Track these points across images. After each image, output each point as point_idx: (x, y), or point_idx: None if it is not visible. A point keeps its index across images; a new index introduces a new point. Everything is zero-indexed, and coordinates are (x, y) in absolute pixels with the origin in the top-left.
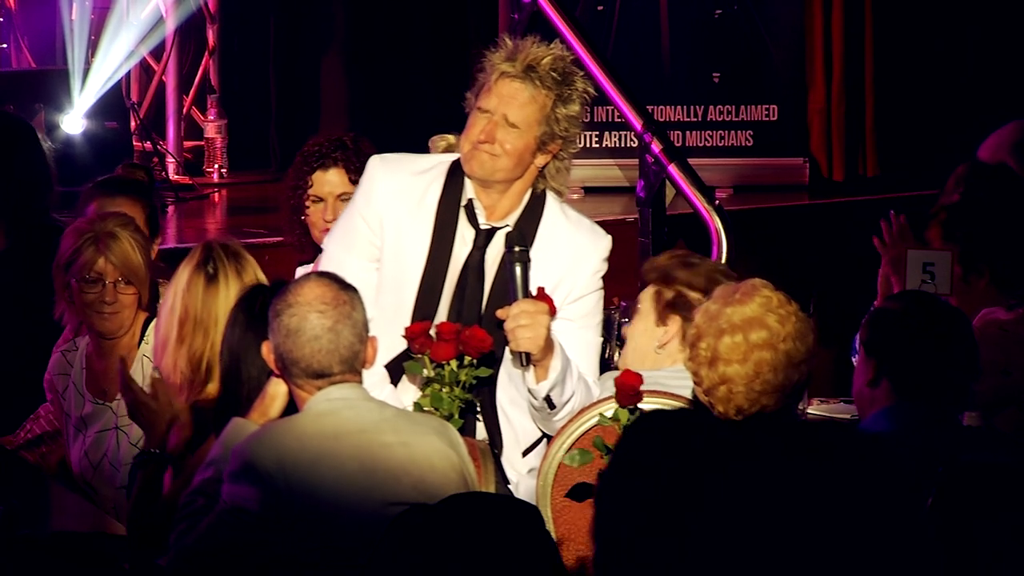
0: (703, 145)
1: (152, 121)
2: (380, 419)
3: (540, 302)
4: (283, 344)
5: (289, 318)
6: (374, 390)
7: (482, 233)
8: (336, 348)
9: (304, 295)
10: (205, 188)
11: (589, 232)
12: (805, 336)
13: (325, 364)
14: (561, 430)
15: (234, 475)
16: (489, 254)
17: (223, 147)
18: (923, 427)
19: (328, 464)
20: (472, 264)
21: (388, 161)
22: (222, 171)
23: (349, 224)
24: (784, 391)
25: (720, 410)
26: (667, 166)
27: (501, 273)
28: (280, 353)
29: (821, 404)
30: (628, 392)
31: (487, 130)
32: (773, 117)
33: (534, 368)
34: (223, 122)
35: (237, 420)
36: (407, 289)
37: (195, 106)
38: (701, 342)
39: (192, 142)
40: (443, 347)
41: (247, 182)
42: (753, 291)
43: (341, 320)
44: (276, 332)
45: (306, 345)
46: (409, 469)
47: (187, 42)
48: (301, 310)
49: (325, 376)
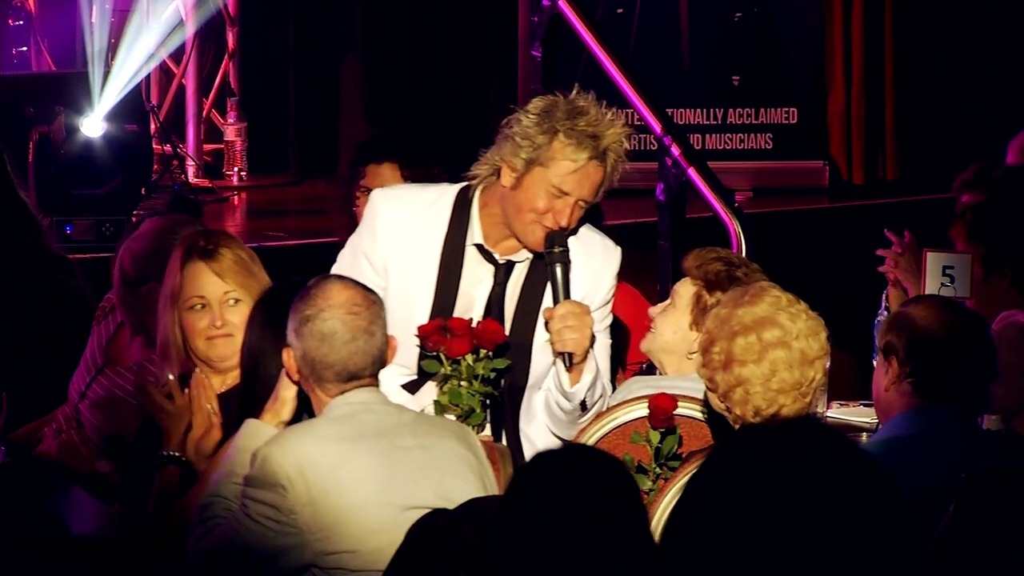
0: (723, 148)
1: (172, 124)
2: (399, 423)
3: (584, 304)
4: (316, 349)
5: (323, 323)
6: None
7: (501, 268)
8: (371, 349)
9: (334, 298)
10: (225, 191)
11: (601, 251)
12: (818, 333)
13: (361, 365)
14: (580, 434)
15: (253, 480)
16: (508, 288)
17: (243, 150)
18: (944, 431)
19: (348, 468)
20: (495, 299)
21: (391, 197)
22: (242, 174)
23: (353, 262)
24: (800, 389)
25: (737, 413)
26: (686, 169)
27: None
28: (312, 358)
29: (841, 407)
30: (661, 416)
31: (571, 219)
32: (793, 120)
33: (569, 372)
34: (243, 125)
35: (251, 422)
36: (417, 327)
37: (215, 109)
38: (714, 346)
39: (212, 145)
40: (457, 342)
41: (267, 185)
42: (762, 292)
43: (374, 320)
44: (306, 337)
45: (343, 348)
46: (429, 472)
47: (207, 45)
48: (335, 312)
49: (357, 378)
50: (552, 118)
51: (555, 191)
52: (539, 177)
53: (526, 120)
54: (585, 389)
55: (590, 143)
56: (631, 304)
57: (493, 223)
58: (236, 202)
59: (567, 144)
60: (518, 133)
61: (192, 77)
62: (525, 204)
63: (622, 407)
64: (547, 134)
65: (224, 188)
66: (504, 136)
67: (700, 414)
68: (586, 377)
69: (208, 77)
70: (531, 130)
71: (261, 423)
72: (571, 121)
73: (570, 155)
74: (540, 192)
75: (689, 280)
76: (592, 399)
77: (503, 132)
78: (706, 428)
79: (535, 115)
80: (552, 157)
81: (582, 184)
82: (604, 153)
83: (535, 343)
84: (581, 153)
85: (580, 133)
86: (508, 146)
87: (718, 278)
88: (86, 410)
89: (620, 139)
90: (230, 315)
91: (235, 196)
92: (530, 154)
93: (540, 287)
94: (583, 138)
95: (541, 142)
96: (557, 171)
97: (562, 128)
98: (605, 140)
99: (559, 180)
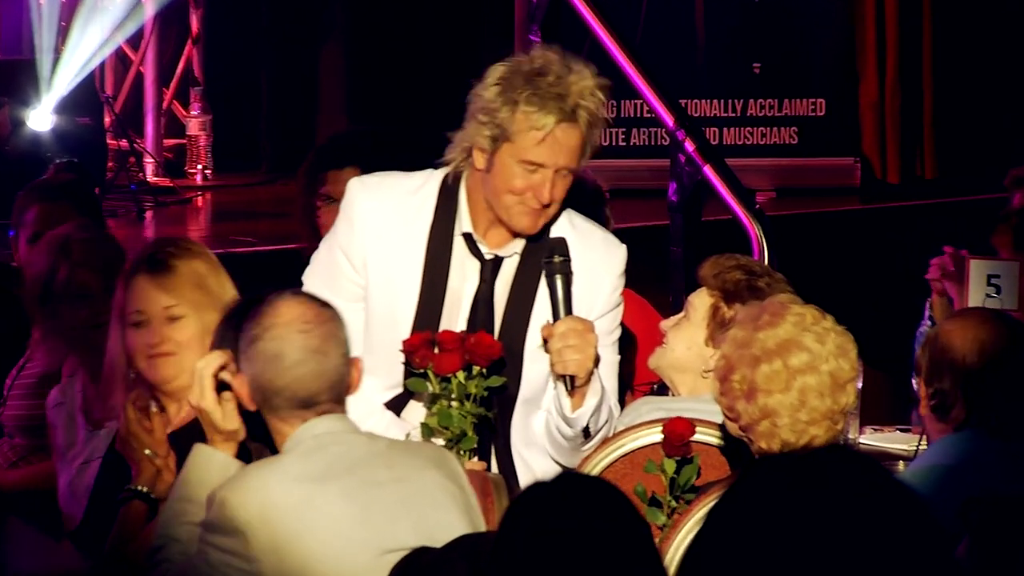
0: (742, 143)
1: (129, 117)
2: (371, 453)
3: (587, 320)
4: (263, 372)
5: (268, 342)
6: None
7: (488, 264)
8: (324, 371)
9: (283, 315)
10: (187, 191)
11: (602, 246)
12: (848, 352)
13: (313, 390)
14: (583, 463)
15: (211, 525)
16: (497, 286)
17: (207, 146)
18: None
19: (316, 510)
20: (482, 299)
21: (370, 185)
22: (206, 172)
23: (329, 259)
24: (832, 417)
25: (762, 446)
26: (702, 167)
27: (516, 295)
28: (260, 384)
29: (874, 433)
30: (676, 442)
31: (553, 192)
32: (820, 112)
33: (570, 395)
34: (207, 118)
35: (201, 448)
36: (402, 327)
37: (176, 100)
38: (734, 374)
39: (173, 140)
40: (447, 358)
41: (234, 185)
42: (782, 310)
43: (327, 339)
44: (253, 360)
45: (290, 370)
46: (407, 508)
47: (168, 29)
48: (281, 331)
49: (312, 405)
50: (511, 86)
51: (528, 165)
52: (508, 153)
53: (486, 93)
54: (588, 415)
55: (554, 105)
56: (640, 317)
57: (480, 210)
58: (200, 204)
59: (530, 112)
60: (480, 109)
61: (151, 64)
62: (501, 186)
63: (630, 433)
64: (507, 105)
65: (187, 188)
66: (469, 114)
67: (717, 440)
68: (589, 401)
69: (169, 64)
70: (492, 104)
71: (213, 450)
72: (531, 84)
73: (535, 123)
74: (513, 169)
75: (705, 290)
76: (596, 425)
77: (468, 110)
78: (723, 456)
79: (493, 85)
80: (517, 130)
81: (555, 152)
82: (574, 111)
83: (527, 349)
84: (546, 117)
85: (542, 96)
86: (472, 125)
87: (737, 289)
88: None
89: (591, 91)
90: (172, 332)
91: (199, 197)
92: (494, 131)
93: (532, 286)
94: (546, 101)
95: (503, 116)
96: (524, 143)
97: (522, 95)
98: (572, 97)
99: (529, 153)
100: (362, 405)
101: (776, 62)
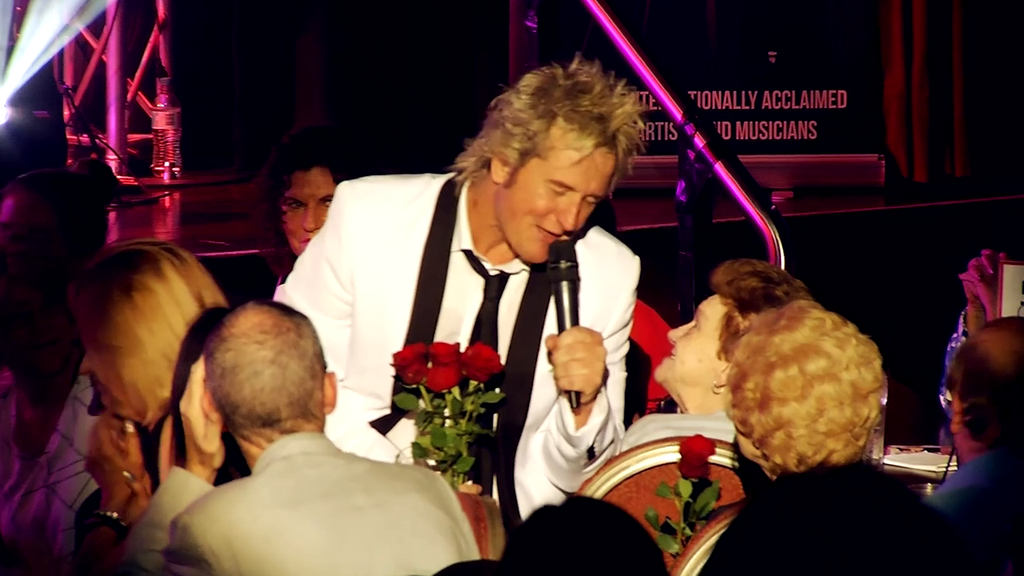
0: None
1: (90, 110)
2: (348, 477)
3: (595, 332)
4: (220, 387)
5: (223, 354)
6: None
7: (493, 280)
8: (282, 385)
9: (239, 325)
10: (154, 191)
11: (616, 260)
12: (871, 361)
13: (271, 406)
14: (585, 485)
15: (175, 554)
16: (502, 306)
17: (175, 141)
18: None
19: (286, 537)
20: (486, 317)
21: (361, 193)
22: (174, 170)
23: (315, 272)
24: (853, 431)
25: (777, 461)
26: (713, 164)
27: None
28: (218, 399)
29: (900, 453)
30: (695, 463)
31: (577, 219)
32: (841, 104)
33: (575, 412)
34: (175, 111)
35: (178, 471)
36: (391, 349)
37: (142, 92)
38: (747, 382)
39: (138, 135)
40: (442, 372)
41: (205, 183)
42: (801, 314)
43: (285, 351)
44: (212, 375)
45: (245, 384)
46: (387, 537)
47: (132, 14)
48: (236, 343)
49: (274, 423)
50: (549, 98)
51: (557, 187)
52: (536, 171)
53: (517, 102)
54: (594, 433)
55: (596, 127)
56: (648, 327)
57: (484, 225)
58: (167, 204)
59: (568, 129)
60: (509, 118)
61: (114, 53)
62: (521, 204)
63: (635, 453)
64: (543, 118)
65: (153, 187)
66: (493, 122)
67: (731, 461)
68: (595, 419)
69: (134, 53)
70: (524, 114)
71: (188, 474)
72: (571, 101)
73: (572, 143)
74: (539, 189)
75: (718, 298)
76: (601, 445)
77: (491, 117)
78: (738, 478)
79: (528, 95)
80: (551, 146)
81: (589, 176)
82: (614, 137)
83: (537, 374)
84: (586, 140)
85: (583, 115)
86: (498, 134)
87: (753, 297)
88: None
89: (633, 118)
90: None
91: (166, 197)
92: (524, 144)
93: (543, 305)
94: (587, 120)
95: (537, 128)
96: (558, 163)
97: (561, 110)
98: (615, 121)
99: (561, 173)
100: (344, 424)
101: (794, 50)
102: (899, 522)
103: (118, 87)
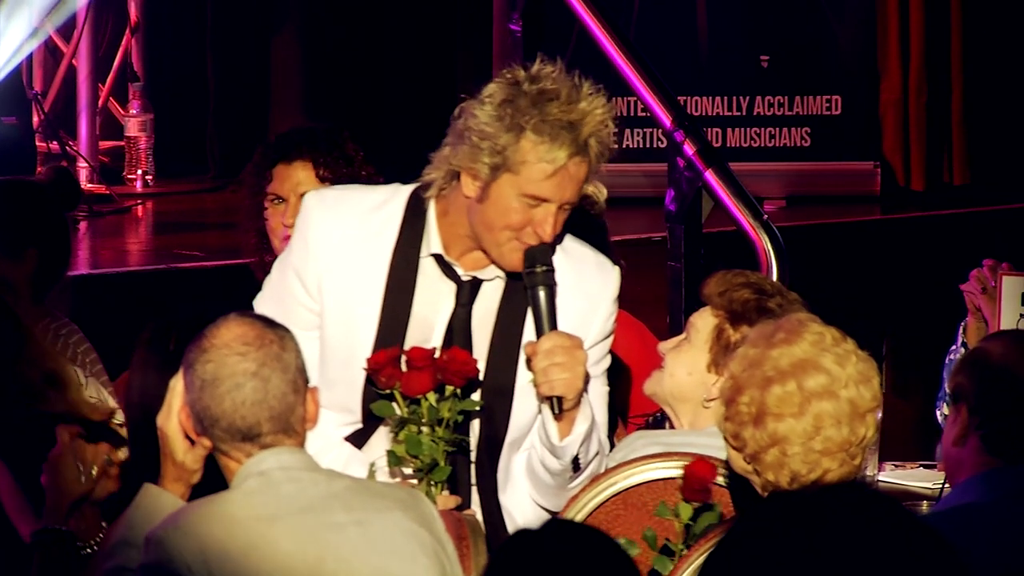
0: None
1: (60, 116)
2: (328, 493)
3: (574, 335)
4: (199, 400)
5: (203, 366)
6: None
7: (465, 286)
8: (264, 399)
9: (220, 336)
10: (126, 199)
11: (595, 270)
12: (870, 379)
13: (252, 420)
14: (571, 502)
15: (149, 569)
16: (477, 313)
17: (148, 148)
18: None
19: (263, 555)
20: (458, 325)
21: (328, 201)
22: (147, 178)
23: (283, 283)
24: (849, 450)
25: (769, 478)
26: (703, 172)
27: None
28: (197, 412)
29: (896, 469)
30: (696, 487)
31: (556, 226)
32: (836, 110)
33: (557, 421)
34: (148, 117)
35: (150, 487)
36: (359, 358)
37: (113, 97)
38: (742, 395)
39: (110, 142)
40: (417, 377)
41: (179, 192)
42: (800, 328)
43: (267, 363)
44: (191, 387)
45: (226, 397)
46: (367, 556)
47: (104, 17)
48: (217, 355)
49: (254, 437)
50: (515, 109)
51: (531, 200)
52: (509, 185)
53: (482, 114)
54: (578, 443)
55: (566, 136)
56: (636, 340)
57: (455, 234)
58: (140, 213)
59: (539, 142)
60: (475, 131)
61: (85, 57)
62: (497, 220)
63: (623, 469)
64: (511, 131)
65: (125, 196)
66: (457, 133)
67: (723, 479)
68: (579, 427)
69: (105, 57)
70: (490, 128)
71: (161, 491)
72: (539, 110)
73: (544, 155)
74: (513, 203)
75: (709, 310)
76: (587, 456)
77: (455, 127)
78: (729, 495)
79: (493, 107)
80: (522, 160)
81: (563, 187)
82: (586, 144)
83: (517, 384)
84: (558, 151)
85: (553, 124)
86: (465, 148)
87: (745, 309)
88: None
89: (604, 122)
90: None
91: (139, 206)
92: (494, 159)
93: (521, 313)
94: (557, 131)
95: (505, 143)
96: (531, 176)
97: (529, 123)
98: (586, 128)
99: (534, 187)
100: (319, 439)
101: (786, 54)
102: (893, 539)
103: (89, 92)
